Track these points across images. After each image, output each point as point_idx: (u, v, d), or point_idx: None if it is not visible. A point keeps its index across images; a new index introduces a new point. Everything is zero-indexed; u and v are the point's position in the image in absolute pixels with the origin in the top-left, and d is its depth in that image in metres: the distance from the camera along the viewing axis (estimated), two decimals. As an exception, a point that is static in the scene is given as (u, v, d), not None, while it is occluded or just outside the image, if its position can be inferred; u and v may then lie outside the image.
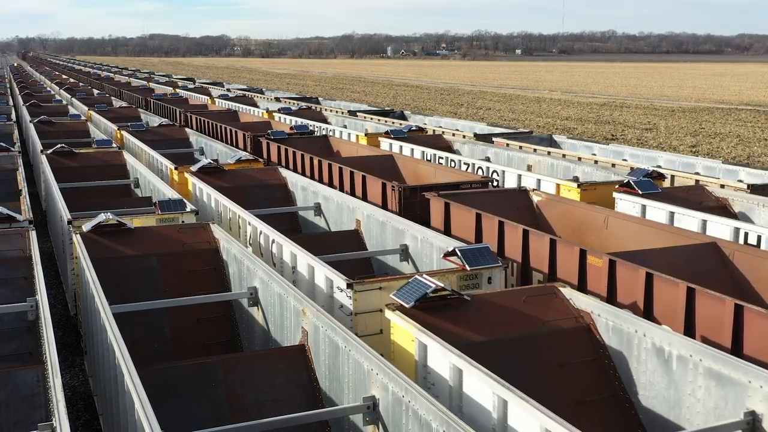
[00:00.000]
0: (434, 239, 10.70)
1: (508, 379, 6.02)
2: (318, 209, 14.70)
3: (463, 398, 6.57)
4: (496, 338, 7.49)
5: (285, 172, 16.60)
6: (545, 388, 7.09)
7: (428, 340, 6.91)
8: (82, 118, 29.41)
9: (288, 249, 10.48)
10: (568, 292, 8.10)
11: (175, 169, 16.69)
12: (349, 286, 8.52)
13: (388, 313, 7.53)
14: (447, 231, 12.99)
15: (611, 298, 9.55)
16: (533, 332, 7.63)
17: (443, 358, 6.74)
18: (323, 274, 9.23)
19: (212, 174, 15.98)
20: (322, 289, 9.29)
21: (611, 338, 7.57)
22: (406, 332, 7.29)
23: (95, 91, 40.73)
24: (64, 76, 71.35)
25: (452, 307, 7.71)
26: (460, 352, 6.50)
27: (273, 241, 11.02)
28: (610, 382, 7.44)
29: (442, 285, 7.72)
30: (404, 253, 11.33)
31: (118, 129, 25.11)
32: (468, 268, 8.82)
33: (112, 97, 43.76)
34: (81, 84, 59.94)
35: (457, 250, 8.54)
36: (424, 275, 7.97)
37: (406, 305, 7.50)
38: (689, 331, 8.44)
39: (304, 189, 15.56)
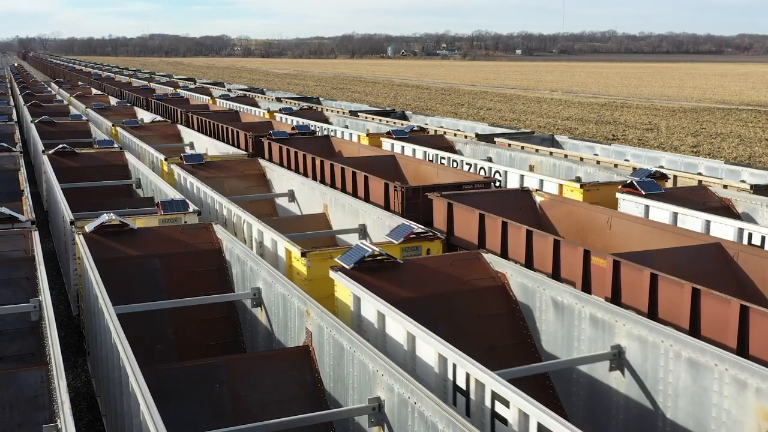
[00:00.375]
0: (387, 219, 11.93)
1: (430, 328, 7.14)
2: (291, 196, 15.96)
3: (387, 339, 7.83)
4: (422, 294, 8.68)
5: (264, 163, 17.93)
6: (463, 336, 8.31)
7: (361, 293, 8.21)
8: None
9: (256, 227, 11.91)
10: (489, 257, 9.29)
11: (165, 160, 17.98)
12: (303, 254, 9.84)
13: (332, 273, 8.77)
14: (450, 231, 12.98)
15: (616, 299, 9.54)
16: (455, 289, 8.84)
17: (371, 307, 8.04)
18: (283, 246, 10.60)
19: (198, 166, 17.24)
20: (282, 259, 10.68)
21: (521, 295, 8.79)
22: (345, 289, 8.55)
23: (114, 100, 40.83)
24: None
25: (387, 269, 8.88)
26: (383, 300, 7.78)
27: (244, 221, 12.46)
28: (519, 331, 8.71)
29: (378, 250, 8.89)
30: (362, 232, 12.68)
31: (113, 125, 26.17)
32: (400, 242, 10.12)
33: (110, 96, 43.83)
34: (86, 88, 59.92)
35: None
36: (366, 243, 9.20)
37: (347, 266, 8.75)
38: (694, 331, 8.42)
39: (279, 177, 16.90)
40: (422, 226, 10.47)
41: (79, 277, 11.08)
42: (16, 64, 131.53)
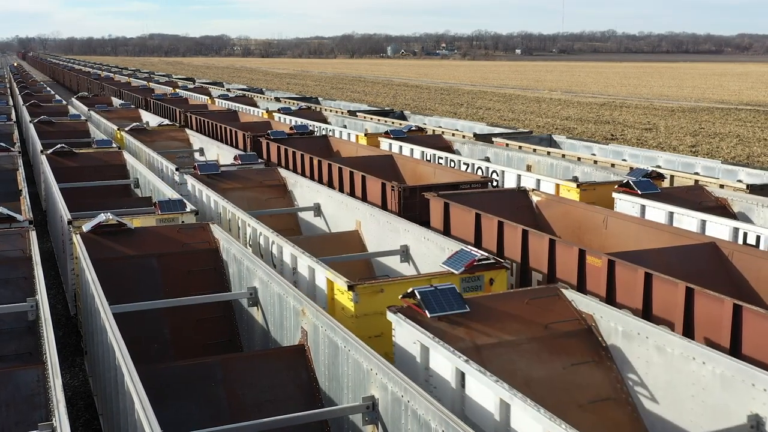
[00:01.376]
0: (435, 239, 10.61)
1: (510, 382, 6.01)
2: (318, 210, 14.57)
3: (465, 401, 6.54)
4: (498, 341, 7.48)
5: (284, 173, 16.39)
6: (548, 390, 7.11)
7: (430, 342, 6.89)
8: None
9: (288, 251, 10.40)
10: (570, 294, 8.05)
11: (177, 170, 16.53)
12: (350, 288, 8.46)
13: (390, 316, 7.50)
14: (446, 231, 13.01)
15: (610, 298, 9.57)
16: (535, 334, 7.61)
17: (445, 361, 6.71)
18: (324, 276, 9.14)
19: (211, 176, 15.84)
20: (323, 290, 9.20)
21: (613, 340, 7.55)
22: (408, 334, 7.28)
23: (117, 101, 39.83)
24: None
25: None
26: (462, 355, 6.46)
27: (273, 243, 10.95)
28: (612, 384, 7.40)
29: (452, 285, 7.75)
30: (404, 253, 11.27)
31: (117, 129, 25.00)
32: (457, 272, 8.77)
33: (113, 97, 43.76)
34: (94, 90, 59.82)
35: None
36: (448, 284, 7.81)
37: (428, 314, 7.39)
38: (688, 330, 8.46)
39: (303, 189, 15.39)
40: (482, 252, 9.08)
41: (77, 277, 11.12)
42: (15, 64, 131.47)
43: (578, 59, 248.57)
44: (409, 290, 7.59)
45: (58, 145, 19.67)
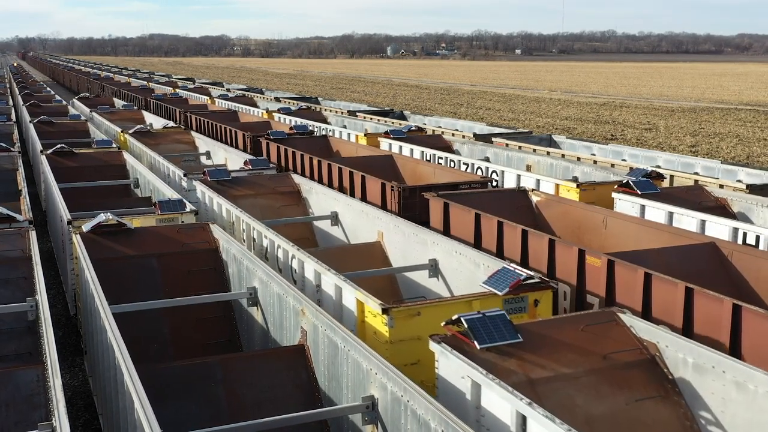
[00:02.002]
0: (467, 253, 9.78)
1: (570, 422, 5.49)
2: (335, 219, 13.69)
3: None
4: (553, 374, 6.78)
5: (298, 179, 15.50)
6: (610, 430, 6.60)
7: (482, 378, 6.14)
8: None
9: (311, 266, 9.46)
10: (628, 320, 7.38)
11: (185, 176, 15.75)
12: (384, 311, 7.70)
13: (434, 346, 6.71)
14: (446, 231, 13.01)
15: (610, 298, 9.58)
16: (593, 366, 6.92)
17: (500, 401, 5.96)
18: (353, 296, 8.33)
19: (221, 182, 15.07)
20: (351, 311, 8.45)
21: (681, 372, 6.84)
22: (455, 368, 6.49)
23: (119, 102, 39.22)
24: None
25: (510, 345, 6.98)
26: (523, 396, 5.75)
27: (293, 257, 10.22)
28: (681, 422, 6.74)
29: (501, 313, 7.05)
30: (433, 268, 10.35)
31: (121, 132, 24.41)
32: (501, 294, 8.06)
33: (114, 98, 43.72)
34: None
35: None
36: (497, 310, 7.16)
37: (477, 346, 6.67)
38: (687, 331, 8.46)
39: (319, 196, 14.48)
40: (526, 270, 8.37)
41: (77, 277, 11.12)
42: (15, 64, 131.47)
43: (578, 59, 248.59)
44: (454, 317, 6.87)
45: (58, 145, 19.68)
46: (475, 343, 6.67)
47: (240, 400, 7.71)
